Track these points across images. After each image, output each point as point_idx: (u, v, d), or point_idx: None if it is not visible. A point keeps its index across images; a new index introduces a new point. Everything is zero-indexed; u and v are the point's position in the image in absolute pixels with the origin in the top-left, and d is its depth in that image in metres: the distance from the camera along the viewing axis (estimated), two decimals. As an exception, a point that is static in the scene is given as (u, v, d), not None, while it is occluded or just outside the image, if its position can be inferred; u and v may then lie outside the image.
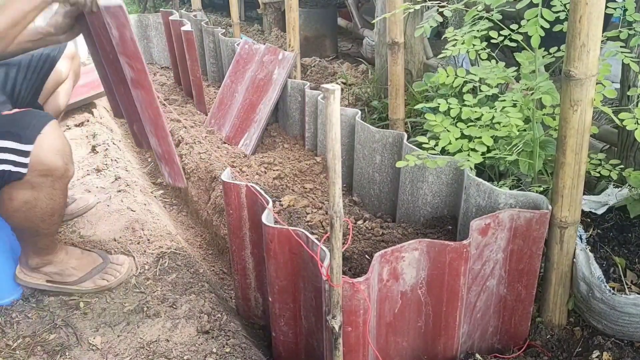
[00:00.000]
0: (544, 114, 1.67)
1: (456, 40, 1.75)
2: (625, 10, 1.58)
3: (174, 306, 1.70)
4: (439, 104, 1.65)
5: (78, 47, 4.50)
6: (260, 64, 3.16)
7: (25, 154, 1.38)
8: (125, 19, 1.44)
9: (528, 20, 1.47)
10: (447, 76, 1.74)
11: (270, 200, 1.52)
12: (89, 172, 2.57)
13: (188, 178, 2.75)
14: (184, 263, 1.93)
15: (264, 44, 3.24)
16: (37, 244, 1.63)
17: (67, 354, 1.53)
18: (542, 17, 1.46)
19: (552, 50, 1.71)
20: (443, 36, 1.93)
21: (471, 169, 1.66)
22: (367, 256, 1.76)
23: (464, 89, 1.78)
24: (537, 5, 1.47)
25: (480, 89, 1.73)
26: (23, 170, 1.39)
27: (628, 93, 1.72)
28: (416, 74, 3.08)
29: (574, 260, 1.51)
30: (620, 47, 1.56)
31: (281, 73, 2.98)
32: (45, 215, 1.52)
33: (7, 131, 1.39)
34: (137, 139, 1.97)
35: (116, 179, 2.49)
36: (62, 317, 1.65)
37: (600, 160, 1.66)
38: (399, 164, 1.62)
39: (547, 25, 1.46)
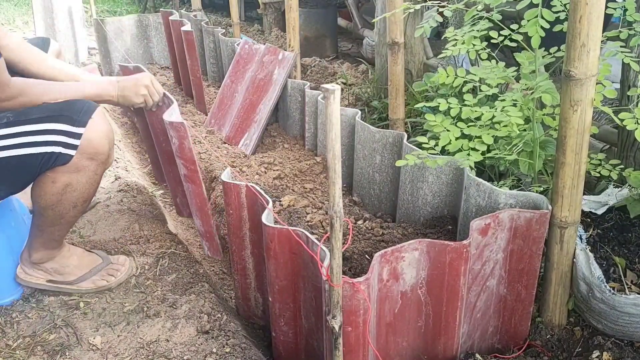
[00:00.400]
0: (544, 114, 1.67)
1: (456, 40, 1.75)
2: (626, 10, 1.58)
3: (174, 306, 1.70)
4: (438, 103, 1.65)
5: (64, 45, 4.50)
6: (261, 64, 3.16)
7: (77, 136, 1.45)
8: (185, 132, 1.65)
9: (528, 20, 1.47)
10: (447, 76, 1.74)
11: (270, 200, 1.52)
12: (89, 172, 2.57)
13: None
14: (184, 263, 1.93)
15: (264, 44, 3.24)
16: (53, 233, 1.63)
17: (67, 354, 1.53)
18: (542, 17, 1.46)
19: (552, 50, 1.71)
20: (443, 36, 1.93)
21: (471, 168, 1.66)
22: (367, 256, 1.76)
23: (464, 89, 1.78)
24: (537, 5, 1.47)
25: (480, 89, 1.73)
26: (72, 152, 1.46)
27: (628, 93, 1.72)
28: (416, 74, 3.08)
29: (574, 260, 1.51)
30: (620, 47, 1.56)
31: (281, 73, 2.98)
32: (79, 200, 1.56)
33: (60, 115, 1.45)
34: (178, 209, 2.26)
35: (116, 179, 2.49)
36: (62, 317, 1.65)
37: (600, 160, 1.66)
38: (399, 163, 1.62)
39: (547, 26, 1.46)
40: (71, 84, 1.57)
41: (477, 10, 1.69)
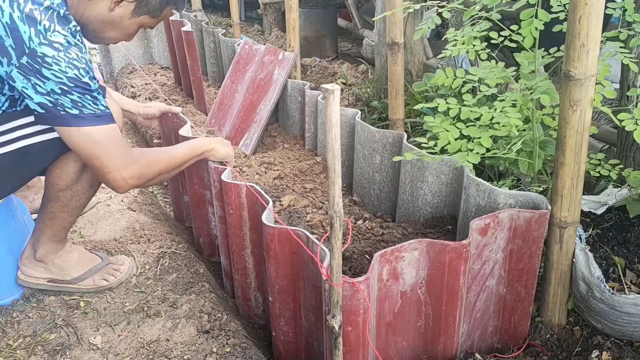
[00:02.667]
0: (543, 114, 1.67)
1: (456, 40, 1.75)
2: (625, 10, 1.58)
3: (175, 306, 1.70)
4: (438, 104, 1.66)
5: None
6: (261, 65, 3.16)
7: None
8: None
9: (522, 20, 1.48)
10: (446, 77, 1.74)
11: (270, 200, 1.53)
12: (89, 172, 2.57)
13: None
14: (184, 263, 1.93)
15: (264, 44, 3.24)
16: (65, 220, 1.66)
17: (67, 353, 1.53)
18: (537, 17, 1.46)
19: (551, 50, 1.72)
20: (443, 37, 1.93)
21: (470, 170, 1.66)
22: (367, 256, 1.76)
23: (463, 89, 1.78)
24: (533, 5, 1.47)
25: (479, 89, 1.73)
26: None
27: (627, 93, 1.72)
28: (416, 74, 3.08)
29: (574, 260, 1.51)
30: (620, 47, 1.56)
31: (281, 73, 2.98)
32: (95, 179, 1.65)
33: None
34: (200, 248, 2.27)
35: (116, 179, 2.49)
36: (63, 317, 1.66)
37: (599, 160, 1.66)
38: (396, 158, 1.63)
39: (541, 27, 1.46)
40: (176, 145, 1.79)
41: (475, 10, 1.69)
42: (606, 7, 1.38)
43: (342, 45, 5.22)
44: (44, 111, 1.35)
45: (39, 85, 1.31)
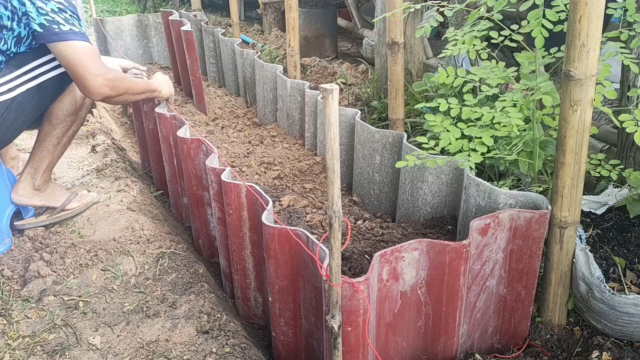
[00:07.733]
0: (543, 114, 1.67)
1: (456, 40, 1.75)
2: (626, 10, 1.58)
3: (174, 306, 1.70)
4: (439, 103, 1.65)
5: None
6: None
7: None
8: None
9: (531, 21, 1.47)
10: (447, 76, 1.74)
11: (270, 200, 1.52)
12: (88, 172, 2.57)
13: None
14: (183, 263, 1.93)
15: (264, 43, 3.24)
16: (65, 145, 2.02)
17: (66, 354, 1.53)
18: (545, 18, 1.45)
19: (552, 50, 1.71)
20: (443, 36, 1.93)
21: (471, 168, 1.66)
22: (366, 256, 1.76)
23: (464, 89, 1.78)
24: (539, 6, 1.47)
25: (480, 89, 1.72)
26: None
27: (628, 94, 1.72)
28: (416, 74, 3.08)
29: (574, 260, 1.51)
30: (621, 47, 1.56)
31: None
32: (89, 107, 2.03)
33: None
34: (199, 249, 2.31)
35: (116, 179, 2.49)
36: (62, 317, 1.65)
37: (600, 160, 1.66)
38: (399, 164, 1.62)
39: (550, 26, 1.46)
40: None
41: (479, 12, 1.68)
42: (607, 7, 1.38)
43: (342, 45, 5.22)
44: (42, 30, 1.70)
45: (41, 8, 1.69)
